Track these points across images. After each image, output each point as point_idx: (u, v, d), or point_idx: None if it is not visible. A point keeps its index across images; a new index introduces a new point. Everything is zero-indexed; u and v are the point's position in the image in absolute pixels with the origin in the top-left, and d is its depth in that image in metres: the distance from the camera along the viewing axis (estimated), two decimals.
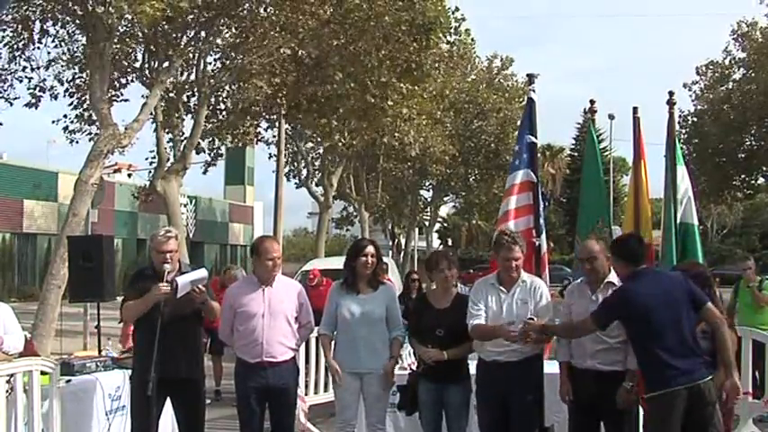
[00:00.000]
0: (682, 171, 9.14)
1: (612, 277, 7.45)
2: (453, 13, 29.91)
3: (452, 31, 31.05)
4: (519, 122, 10.97)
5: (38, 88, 24.00)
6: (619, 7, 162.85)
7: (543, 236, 8.63)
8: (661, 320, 6.67)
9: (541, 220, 8.77)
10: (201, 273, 7.73)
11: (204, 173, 32.19)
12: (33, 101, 23.94)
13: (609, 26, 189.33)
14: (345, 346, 8.12)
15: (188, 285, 7.49)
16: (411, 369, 8.73)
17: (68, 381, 8.22)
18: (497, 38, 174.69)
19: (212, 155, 31.39)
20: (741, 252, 49.25)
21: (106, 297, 12.24)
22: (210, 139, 30.44)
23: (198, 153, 28.54)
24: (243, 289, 8.10)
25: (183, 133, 26.39)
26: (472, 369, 7.98)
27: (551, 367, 8.06)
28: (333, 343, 8.19)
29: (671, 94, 9.43)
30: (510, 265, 7.52)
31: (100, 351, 10.44)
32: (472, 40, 41.30)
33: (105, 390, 8.56)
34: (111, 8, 18.54)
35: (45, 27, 22.73)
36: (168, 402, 7.88)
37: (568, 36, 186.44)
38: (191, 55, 24.21)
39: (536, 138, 8.77)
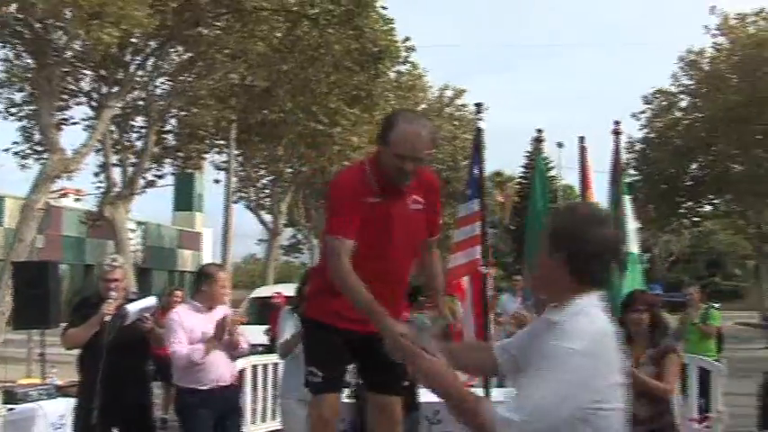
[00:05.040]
0: (627, 201, 9.27)
1: None
2: (404, 42, 30.09)
3: (402, 60, 31.21)
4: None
5: None
6: (573, 37, 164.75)
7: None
8: None
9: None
10: (151, 301, 7.70)
11: (141, 193, 31.11)
12: None
13: (563, 56, 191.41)
14: (294, 372, 8.09)
15: (137, 313, 7.45)
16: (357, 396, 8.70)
17: (11, 409, 8.11)
18: (451, 66, 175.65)
19: (152, 176, 31.08)
20: (688, 279, 49.88)
21: (51, 324, 12.11)
22: (157, 163, 30.26)
23: (145, 178, 28.40)
24: (189, 314, 8.06)
25: (131, 158, 26.27)
26: (423, 397, 7.98)
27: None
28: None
29: (617, 123, 9.51)
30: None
31: (44, 378, 10.31)
32: (420, 72, 41.77)
33: (48, 418, 8.44)
34: (65, 34, 18.52)
35: None
36: None
37: (522, 65, 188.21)
38: (139, 79, 24.13)
39: (483, 167, 8.82)
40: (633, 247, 9.17)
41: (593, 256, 3.24)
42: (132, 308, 7.42)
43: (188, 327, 7.81)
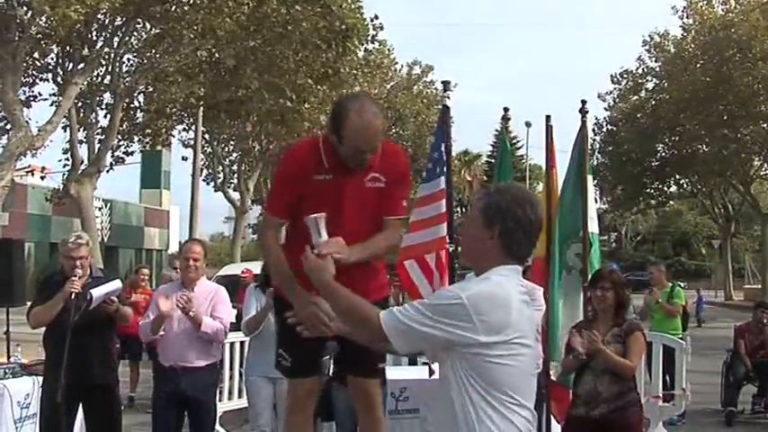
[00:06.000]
0: (590, 181, 9.27)
1: None
2: (372, 21, 29.97)
3: (370, 39, 31.11)
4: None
5: None
6: (541, 18, 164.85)
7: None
8: None
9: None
10: (116, 284, 7.64)
11: (108, 171, 30.56)
12: None
13: (531, 36, 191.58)
14: (259, 350, 8.09)
15: (102, 297, 7.41)
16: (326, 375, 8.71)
17: None
18: (421, 45, 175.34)
19: (121, 153, 30.81)
20: (653, 259, 50.22)
21: (16, 302, 12.02)
22: (125, 140, 30.08)
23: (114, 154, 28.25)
24: (167, 290, 8.05)
25: (98, 135, 26.07)
26: (390, 374, 7.94)
27: None
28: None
29: (583, 102, 9.43)
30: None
31: (9, 357, 10.25)
32: (388, 50, 41.66)
33: (14, 397, 8.39)
34: (31, 10, 18.30)
35: None
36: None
37: (491, 45, 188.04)
38: (106, 55, 23.92)
39: (449, 145, 8.78)
40: (594, 227, 9.16)
41: (524, 232, 3.61)
42: (97, 292, 7.37)
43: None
